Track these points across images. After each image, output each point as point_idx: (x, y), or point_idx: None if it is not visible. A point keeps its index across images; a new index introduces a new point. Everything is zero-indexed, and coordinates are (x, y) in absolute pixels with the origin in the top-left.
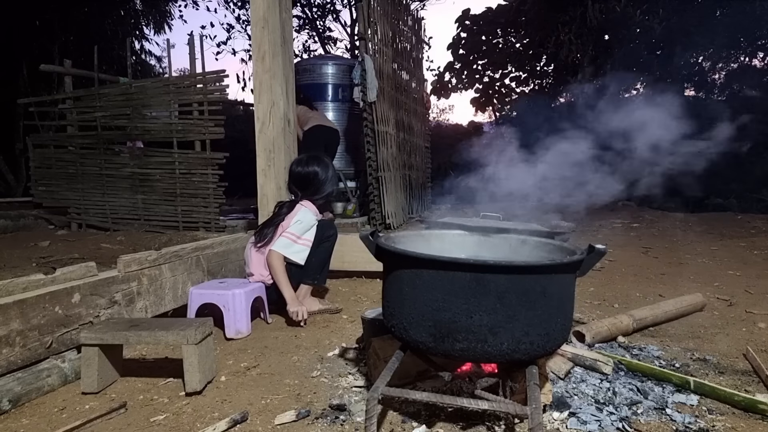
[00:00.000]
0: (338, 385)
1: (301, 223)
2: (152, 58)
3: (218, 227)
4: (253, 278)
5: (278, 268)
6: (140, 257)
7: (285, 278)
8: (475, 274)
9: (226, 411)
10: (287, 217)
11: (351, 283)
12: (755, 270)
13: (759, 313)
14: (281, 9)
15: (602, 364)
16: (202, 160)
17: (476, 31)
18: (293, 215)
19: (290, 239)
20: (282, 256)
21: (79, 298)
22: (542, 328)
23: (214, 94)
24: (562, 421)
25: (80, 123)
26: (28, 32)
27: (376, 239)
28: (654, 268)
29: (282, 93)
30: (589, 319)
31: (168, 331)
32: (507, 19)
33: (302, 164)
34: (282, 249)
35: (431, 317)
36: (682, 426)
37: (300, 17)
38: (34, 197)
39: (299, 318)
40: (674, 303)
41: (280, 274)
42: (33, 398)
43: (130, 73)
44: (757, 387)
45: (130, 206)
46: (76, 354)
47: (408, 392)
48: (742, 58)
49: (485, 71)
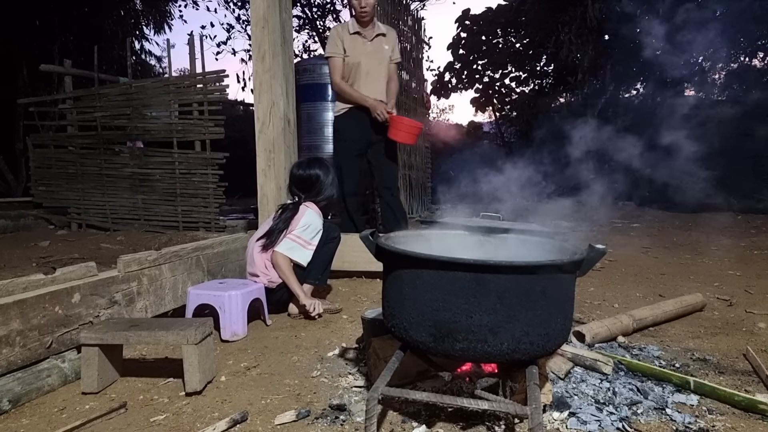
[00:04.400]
0: (338, 385)
1: (309, 227)
2: (152, 58)
3: (218, 227)
4: (259, 279)
5: (285, 268)
6: (140, 257)
7: (293, 276)
8: (475, 274)
9: (226, 411)
10: (293, 220)
11: (351, 283)
12: (755, 270)
13: (759, 313)
14: (281, 9)
15: (602, 364)
16: (202, 160)
17: (476, 31)
18: (299, 218)
19: (297, 243)
20: (287, 257)
21: (79, 298)
22: (542, 328)
23: (214, 94)
24: (562, 421)
25: (80, 123)
26: (28, 32)
27: (376, 239)
28: (654, 268)
29: (282, 93)
30: (589, 319)
31: (168, 331)
32: (507, 19)
33: (303, 167)
34: (287, 251)
35: (431, 317)
36: (682, 426)
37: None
38: (34, 197)
39: (314, 311)
40: (674, 303)
41: (288, 274)
42: (33, 398)
43: (130, 73)
44: (757, 387)
45: (130, 206)
46: (76, 354)
47: (408, 392)
48: (742, 58)
49: (485, 71)
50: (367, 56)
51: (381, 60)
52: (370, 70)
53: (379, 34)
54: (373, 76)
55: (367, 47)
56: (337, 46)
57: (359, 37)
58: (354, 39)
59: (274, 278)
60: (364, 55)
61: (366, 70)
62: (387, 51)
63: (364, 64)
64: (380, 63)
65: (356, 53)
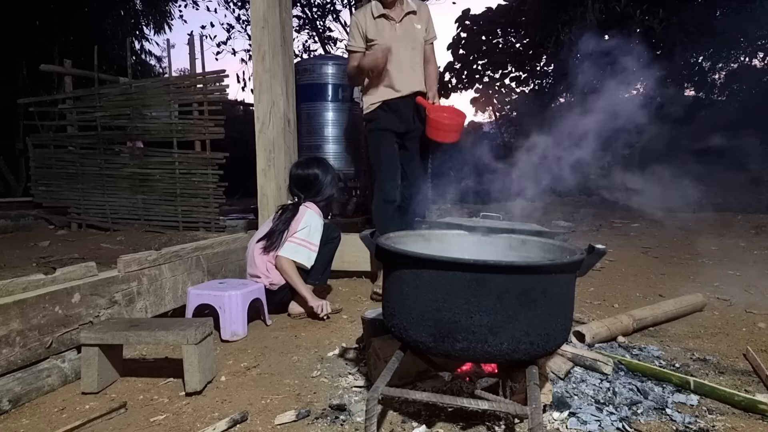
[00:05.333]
0: (338, 385)
1: (309, 227)
2: (152, 58)
3: (218, 227)
4: (260, 281)
5: (291, 271)
6: (140, 257)
7: (299, 279)
8: (475, 274)
9: (226, 411)
10: (294, 221)
11: (351, 283)
12: (755, 270)
13: (759, 313)
14: (281, 9)
15: (602, 364)
16: (202, 160)
17: (476, 31)
18: (300, 219)
19: (299, 244)
20: (292, 261)
21: (79, 298)
22: (542, 328)
23: (214, 94)
24: (562, 421)
25: (80, 123)
26: (28, 32)
27: (376, 239)
28: (654, 268)
29: (282, 93)
30: (589, 319)
31: (168, 331)
32: (507, 19)
33: (302, 167)
34: (291, 255)
35: (431, 317)
36: (682, 426)
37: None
38: (34, 197)
39: (323, 312)
40: (674, 303)
41: (295, 278)
42: (33, 398)
43: (130, 73)
44: (757, 387)
45: (130, 206)
46: (76, 354)
47: (408, 392)
48: (742, 58)
49: (485, 71)
50: (398, 42)
51: (414, 44)
52: (403, 60)
53: (409, 13)
54: (407, 66)
55: (396, 31)
56: (355, 39)
57: (385, 21)
58: (380, 24)
59: (276, 280)
60: (394, 42)
61: (398, 59)
62: (420, 31)
63: (396, 53)
64: (414, 48)
65: (384, 40)
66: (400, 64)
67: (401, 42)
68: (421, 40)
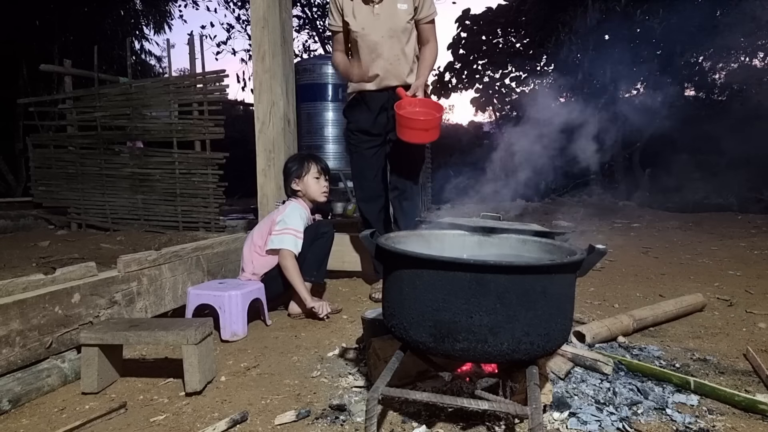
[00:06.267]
0: (338, 386)
1: (284, 216)
2: (152, 58)
3: (218, 227)
4: (245, 273)
5: (291, 268)
6: (140, 257)
7: (300, 279)
8: (475, 275)
9: (226, 411)
10: (276, 213)
11: (351, 283)
12: (755, 270)
13: (759, 313)
14: (281, 9)
15: (602, 364)
16: (202, 160)
17: (476, 31)
18: (281, 212)
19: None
20: (292, 253)
21: (79, 298)
22: (542, 328)
23: (214, 94)
24: (562, 421)
25: (80, 123)
26: (28, 32)
27: (376, 239)
28: (654, 268)
29: (282, 93)
30: (589, 319)
31: (168, 331)
32: (507, 19)
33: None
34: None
35: (431, 317)
36: (682, 426)
37: (300, 17)
38: (34, 197)
39: (322, 313)
40: (674, 303)
41: (294, 274)
42: (33, 398)
43: (130, 73)
44: (757, 387)
45: (130, 206)
46: (76, 354)
47: (408, 392)
48: (742, 58)
49: (485, 71)
50: (373, 26)
51: (394, 30)
52: (379, 49)
53: None
54: (384, 55)
55: (372, 14)
56: (333, 15)
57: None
58: (357, 3)
59: (258, 271)
60: (369, 24)
61: (371, 47)
62: (404, 13)
63: (370, 39)
64: (392, 35)
65: (358, 23)
66: (374, 53)
67: (378, 27)
68: (405, 24)
